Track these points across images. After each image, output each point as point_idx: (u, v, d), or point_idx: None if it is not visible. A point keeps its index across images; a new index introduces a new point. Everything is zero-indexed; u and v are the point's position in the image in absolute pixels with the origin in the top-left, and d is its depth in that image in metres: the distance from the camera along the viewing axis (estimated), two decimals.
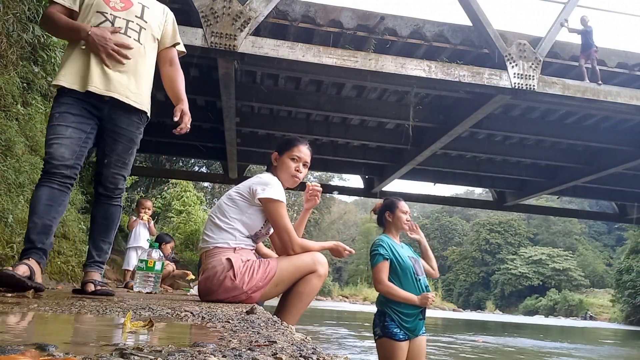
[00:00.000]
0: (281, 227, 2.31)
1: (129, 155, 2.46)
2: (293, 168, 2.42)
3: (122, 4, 2.34)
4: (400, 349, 2.90)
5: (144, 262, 3.42)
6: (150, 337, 1.01)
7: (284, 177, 2.43)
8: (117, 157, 2.40)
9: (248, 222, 2.32)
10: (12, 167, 3.49)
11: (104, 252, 2.50)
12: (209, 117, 8.84)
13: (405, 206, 3.19)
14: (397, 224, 3.12)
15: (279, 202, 2.30)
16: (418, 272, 3.03)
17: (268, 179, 2.36)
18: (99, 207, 2.45)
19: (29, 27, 3.78)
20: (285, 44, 6.10)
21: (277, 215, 2.30)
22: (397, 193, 13.19)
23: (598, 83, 6.85)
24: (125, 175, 2.48)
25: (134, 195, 16.05)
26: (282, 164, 2.43)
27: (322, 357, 0.79)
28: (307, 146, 2.50)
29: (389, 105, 8.50)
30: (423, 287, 3.01)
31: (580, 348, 10.55)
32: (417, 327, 3.00)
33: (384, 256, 2.97)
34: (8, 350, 0.66)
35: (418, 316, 2.98)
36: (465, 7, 6.49)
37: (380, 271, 2.96)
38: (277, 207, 2.29)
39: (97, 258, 2.47)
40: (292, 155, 2.43)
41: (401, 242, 3.20)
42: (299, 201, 38.95)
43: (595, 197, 13.22)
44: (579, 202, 28.20)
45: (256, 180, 2.36)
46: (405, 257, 3.02)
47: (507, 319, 30.80)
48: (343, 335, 9.21)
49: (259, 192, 2.28)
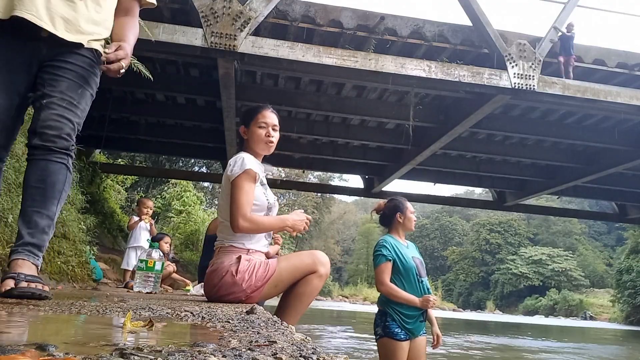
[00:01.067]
0: (232, 199, 2.23)
1: (79, 96, 1.78)
2: (264, 134, 2.40)
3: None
4: (401, 349, 2.90)
5: (144, 262, 3.43)
6: (150, 337, 1.01)
7: (259, 147, 2.41)
8: (60, 95, 1.73)
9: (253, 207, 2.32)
10: (12, 167, 3.49)
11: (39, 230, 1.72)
12: (209, 116, 8.85)
13: (412, 206, 3.24)
14: (407, 225, 3.13)
15: (242, 173, 2.24)
16: (421, 273, 3.03)
17: (233, 159, 2.33)
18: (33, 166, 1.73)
19: None
20: (285, 44, 6.10)
21: (235, 187, 2.24)
22: (397, 193, 13.18)
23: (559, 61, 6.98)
24: (74, 120, 1.76)
25: (134, 195, 16.06)
26: (252, 134, 2.41)
27: (322, 357, 0.79)
28: (270, 110, 2.48)
29: (389, 105, 8.50)
30: (425, 288, 3.00)
31: (581, 347, 10.55)
32: (418, 328, 3.00)
33: (387, 257, 2.96)
34: (8, 350, 0.66)
35: (419, 317, 2.98)
36: (465, 7, 6.50)
37: (383, 272, 2.95)
38: (238, 180, 2.24)
39: (28, 238, 1.70)
40: (258, 123, 2.41)
41: (407, 242, 3.20)
42: (299, 201, 38.98)
43: (595, 197, 13.23)
44: (579, 202, 28.20)
45: (227, 167, 2.35)
46: (409, 258, 3.01)
47: (507, 319, 30.80)
48: (343, 335, 9.21)
49: (229, 175, 2.28)
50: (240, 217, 2.20)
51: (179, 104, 8.98)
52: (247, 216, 2.22)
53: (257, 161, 2.39)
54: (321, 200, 38.55)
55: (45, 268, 3.57)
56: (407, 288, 2.95)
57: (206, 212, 19.18)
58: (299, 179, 25.68)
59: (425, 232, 63.05)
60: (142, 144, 11.14)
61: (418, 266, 3.02)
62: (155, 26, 5.58)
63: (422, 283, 3.01)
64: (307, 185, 19.96)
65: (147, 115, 9.35)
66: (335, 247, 55.61)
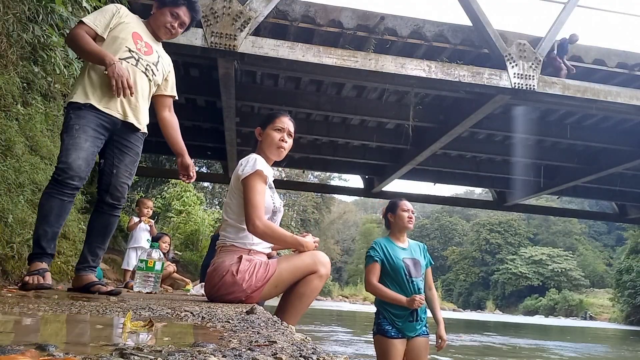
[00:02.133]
0: (247, 199, 2.24)
1: (134, 166, 2.71)
2: (278, 138, 2.42)
3: (146, 48, 2.66)
4: (392, 346, 2.98)
5: (144, 262, 3.42)
6: (150, 337, 1.01)
7: (270, 150, 2.44)
8: (124, 167, 2.63)
9: None
10: (12, 167, 3.49)
11: (98, 257, 2.67)
12: (209, 116, 8.84)
13: (407, 204, 3.21)
14: (399, 223, 3.16)
15: (253, 174, 2.26)
16: (412, 273, 3.04)
17: (245, 159, 2.35)
18: (101, 216, 2.63)
19: (29, 27, 3.78)
20: (285, 44, 6.10)
21: (247, 187, 2.25)
22: (397, 193, 13.19)
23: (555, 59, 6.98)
24: (129, 184, 2.71)
25: (134, 195, 16.05)
26: (267, 136, 2.44)
27: (322, 357, 0.79)
28: (288, 117, 2.52)
29: (389, 105, 8.50)
30: (416, 288, 3.02)
31: (589, 347, 10.56)
32: (409, 327, 3.02)
33: (374, 258, 3.07)
34: (8, 350, 0.66)
35: (408, 317, 3.01)
36: (465, 7, 6.49)
37: (370, 272, 3.08)
38: (250, 180, 2.26)
39: (91, 263, 2.62)
40: (275, 126, 2.45)
41: (407, 242, 3.21)
42: (299, 201, 38.99)
43: (595, 197, 13.23)
44: (579, 202, 28.20)
45: (238, 166, 2.36)
46: (398, 259, 3.06)
47: (506, 319, 30.80)
48: (343, 336, 9.21)
49: (240, 174, 2.29)
50: (257, 219, 2.21)
51: (179, 104, 8.93)
52: (262, 218, 2.23)
53: (267, 165, 2.39)
54: (321, 200, 38.58)
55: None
56: (397, 288, 3.02)
57: (206, 212, 19.20)
58: (299, 179, 25.69)
59: (425, 232, 63.05)
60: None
61: (409, 266, 3.06)
62: None
63: (413, 283, 3.03)
64: (307, 185, 19.97)
65: None
66: (335, 247, 55.62)
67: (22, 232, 3.37)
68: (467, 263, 58.36)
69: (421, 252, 3.23)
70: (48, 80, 4.33)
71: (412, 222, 3.18)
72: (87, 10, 4.02)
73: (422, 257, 3.20)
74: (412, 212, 3.20)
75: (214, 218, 18.07)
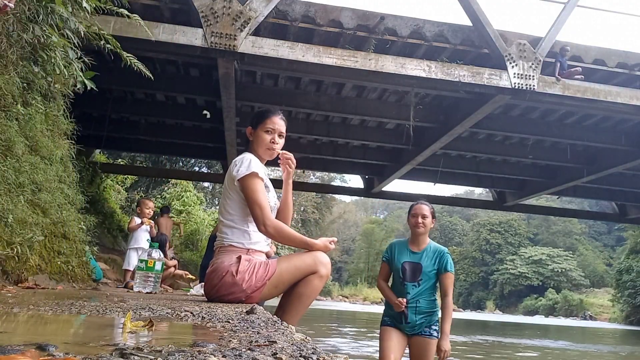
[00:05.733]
0: (252, 200, 2.26)
1: None
2: (268, 140, 2.43)
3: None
4: (385, 332, 3.25)
5: (144, 262, 3.43)
6: (150, 337, 1.01)
7: (261, 151, 2.44)
8: None
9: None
10: (12, 167, 3.48)
11: None
12: (209, 116, 8.83)
13: (417, 209, 3.24)
14: (410, 227, 3.35)
15: (250, 175, 2.27)
16: (406, 277, 3.16)
17: (239, 159, 2.36)
18: None
19: (29, 27, 3.77)
20: (285, 44, 6.10)
21: (248, 189, 2.27)
22: (397, 193, 13.20)
23: (557, 77, 6.87)
24: None
25: (134, 196, 16.05)
26: (257, 137, 2.44)
27: (322, 357, 0.79)
28: (280, 116, 2.50)
29: (389, 105, 8.49)
30: (404, 292, 3.14)
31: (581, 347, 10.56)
32: (402, 326, 3.17)
33: (383, 258, 3.41)
34: (8, 350, 0.66)
35: (398, 317, 3.19)
36: (465, 7, 6.49)
37: (380, 270, 3.44)
38: (248, 181, 2.27)
39: None
40: (265, 127, 2.44)
41: (420, 246, 3.21)
42: (298, 201, 38.93)
43: (595, 197, 13.22)
44: (579, 202, 28.16)
45: (232, 166, 2.37)
46: (398, 262, 3.23)
47: (506, 318, 30.79)
48: (343, 336, 9.21)
49: (234, 175, 2.30)
50: (266, 219, 2.24)
51: (179, 104, 8.97)
52: (271, 218, 2.26)
53: (261, 164, 2.40)
54: (321, 200, 38.55)
55: (45, 268, 3.57)
56: (394, 288, 3.27)
57: (206, 212, 19.18)
58: (299, 179, 25.66)
59: None
60: (142, 144, 11.13)
61: (406, 270, 3.17)
62: (155, 26, 5.57)
63: (403, 286, 3.16)
64: (307, 185, 19.94)
65: (147, 115, 9.34)
66: (335, 247, 55.56)
67: (22, 232, 3.36)
68: (467, 263, 58.33)
69: (433, 258, 3.18)
70: (48, 80, 4.32)
71: (419, 227, 3.18)
72: (87, 10, 4.01)
73: (433, 263, 3.17)
74: (422, 216, 3.18)
75: (213, 218, 18.07)
